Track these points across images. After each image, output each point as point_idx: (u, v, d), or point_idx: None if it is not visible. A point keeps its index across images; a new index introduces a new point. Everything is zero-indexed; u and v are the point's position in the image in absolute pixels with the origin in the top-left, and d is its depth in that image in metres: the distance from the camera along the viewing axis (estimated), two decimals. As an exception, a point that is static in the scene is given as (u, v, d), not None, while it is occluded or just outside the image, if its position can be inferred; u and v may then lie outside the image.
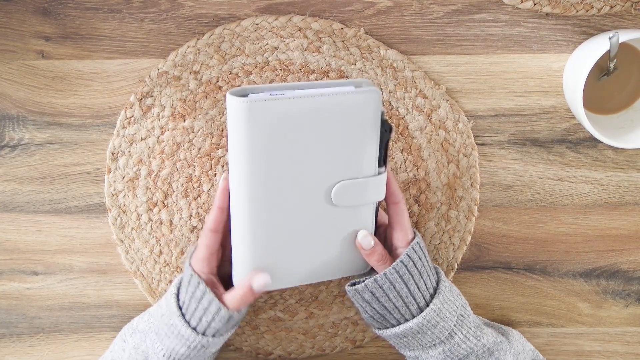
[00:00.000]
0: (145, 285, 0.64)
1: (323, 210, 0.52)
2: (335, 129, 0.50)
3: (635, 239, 0.64)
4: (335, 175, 0.51)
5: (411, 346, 0.55)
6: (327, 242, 0.54)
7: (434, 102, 0.61)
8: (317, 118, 0.49)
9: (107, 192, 0.62)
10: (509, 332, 0.60)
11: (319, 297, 0.65)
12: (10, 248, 0.64)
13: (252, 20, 0.59)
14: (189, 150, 0.61)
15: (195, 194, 0.62)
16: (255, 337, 0.65)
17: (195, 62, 0.60)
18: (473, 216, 0.63)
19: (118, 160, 0.62)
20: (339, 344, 0.66)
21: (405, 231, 0.54)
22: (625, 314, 0.66)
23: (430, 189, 0.62)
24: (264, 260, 0.53)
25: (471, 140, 0.62)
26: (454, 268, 0.64)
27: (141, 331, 0.56)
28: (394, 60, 0.60)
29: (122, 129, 0.61)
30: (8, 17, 0.60)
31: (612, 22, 0.60)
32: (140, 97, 0.60)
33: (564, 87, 0.60)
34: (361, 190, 0.52)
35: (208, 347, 0.54)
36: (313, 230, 0.53)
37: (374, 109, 0.50)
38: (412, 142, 0.62)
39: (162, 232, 0.63)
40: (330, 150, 0.50)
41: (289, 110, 0.48)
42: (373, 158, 0.52)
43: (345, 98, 0.49)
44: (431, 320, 0.53)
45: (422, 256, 0.54)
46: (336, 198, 0.52)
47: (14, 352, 0.66)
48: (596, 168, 0.63)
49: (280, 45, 0.60)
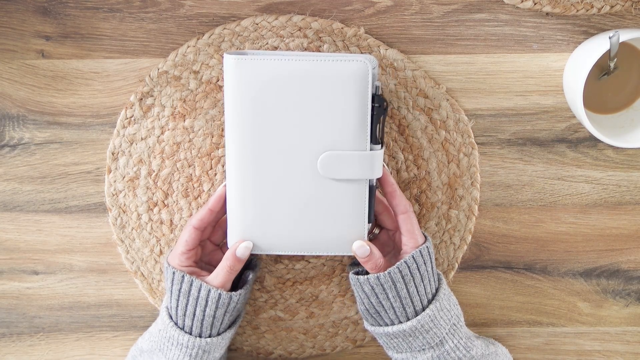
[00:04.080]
0: (146, 285, 0.64)
1: (312, 181, 0.53)
2: (324, 96, 0.51)
3: (635, 239, 0.64)
4: (323, 144, 0.52)
5: (400, 348, 0.56)
6: (317, 215, 0.54)
7: (434, 101, 0.61)
8: (305, 82, 0.51)
9: (108, 192, 0.62)
10: (497, 347, 0.61)
11: (319, 297, 0.65)
12: (11, 247, 0.64)
13: (252, 19, 0.59)
14: (189, 149, 0.61)
15: (196, 193, 0.62)
16: (256, 337, 0.65)
17: (195, 61, 0.60)
18: (473, 215, 0.63)
19: (118, 160, 0.62)
20: (339, 344, 0.66)
21: (415, 238, 0.55)
22: (625, 314, 0.66)
23: (431, 188, 0.62)
24: (255, 223, 0.54)
25: (471, 140, 0.62)
26: (455, 267, 0.64)
27: (147, 351, 0.57)
28: (394, 60, 0.60)
29: (122, 128, 0.61)
30: (8, 16, 0.60)
31: (612, 21, 0.60)
32: (141, 96, 0.60)
33: (564, 86, 0.60)
34: (349, 163, 0.52)
35: (209, 351, 0.55)
36: (302, 200, 0.53)
37: (362, 79, 0.51)
38: (412, 141, 0.62)
39: (163, 232, 0.63)
40: (319, 117, 0.51)
41: (278, 71, 0.50)
42: (364, 133, 0.52)
43: (334, 65, 0.51)
44: (425, 325, 0.54)
45: (427, 260, 0.55)
46: (322, 168, 0.52)
47: (14, 351, 0.66)
48: (596, 167, 0.63)
49: (281, 45, 0.60)
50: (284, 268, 0.64)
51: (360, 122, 0.52)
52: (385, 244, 0.59)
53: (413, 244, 0.55)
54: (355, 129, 0.52)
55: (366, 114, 0.52)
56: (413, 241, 0.55)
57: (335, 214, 0.54)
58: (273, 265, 0.64)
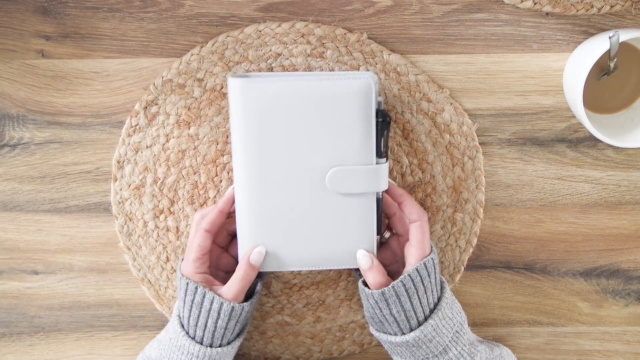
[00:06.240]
0: (153, 292, 0.64)
1: (320, 196, 0.54)
2: (329, 114, 0.52)
3: (635, 238, 0.64)
4: (330, 160, 0.53)
5: (404, 355, 0.56)
6: (326, 230, 0.55)
7: (438, 105, 0.61)
8: (310, 102, 0.52)
9: (114, 200, 0.62)
10: (501, 349, 0.61)
11: (326, 301, 0.65)
12: (11, 247, 0.64)
13: (255, 27, 0.59)
14: (194, 157, 0.61)
15: (201, 200, 0.62)
16: (263, 342, 0.65)
17: (199, 69, 0.60)
18: (479, 218, 0.63)
19: (124, 168, 0.62)
20: (346, 348, 0.66)
21: (423, 248, 0.54)
22: (625, 313, 0.66)
23: (436, 192, 0.62)
24: (264, 241, 0.55)
25: (475, 143, 0.62)
26: (460, 271, 0.64)
27: (155, 359, 0.56)
28: (397, 65, 0.60)
29: (128, 137, 0.61)
30: (8, 16, 0.60)
31: (612, 21, 0.60)
32: (145, 105, 0.61)
33: (564, 86, 0.60)
34: (357, 178, 0.53)
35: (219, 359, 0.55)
36: (312, 216, 0.54)
37: (365, 96, 0.52)
38: (417, 145, 0.62)
39: (169, 239, 0.63)
40: (325, 135, 0.52)
41: (282, 91, 0.51)
42: (370, 147, 0.53)
43: (337, 84, 0.52)
44: (427, 334, 0.54)
45: (431, 272, 0.55)
46: (330, 183, 0.53)
47: (14, 351, 0.66)
48: (596, 167, 0.63)
49: (284, 52, 0.60)
50: (291, 273, 0.64)
51: (365, 137, 0.53)
52: (395, 251, 0.59)
53: (419, 255, 0.54)
54: (361, 144, 0.53)
55: (371, 129, 0.53)
56: (420, 252, 0.54)
57: (344, 228, 0.55)
58: (279, 271, 0.64)
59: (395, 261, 0.59)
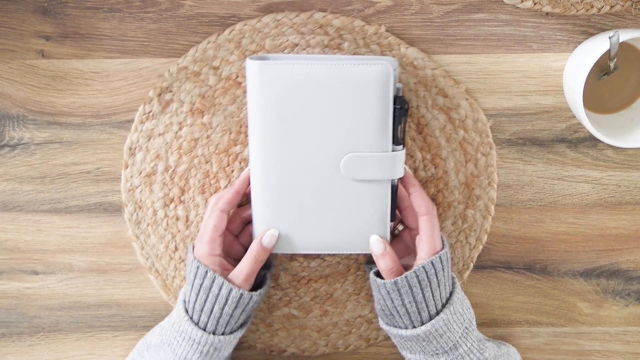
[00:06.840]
0: (160, 282, 0.64)
1: (335, 181, 0.54)
2: (346, 99, 0.52)
3: (635, 239, 0.64)
4: (346, 146, 0.53)
5: (414, 350, 0.56)
6: (340, 215, 0.55)
7: (453, 100, 0.61)
8: (327, 86, 0.52)
9: (124, 187, 0.62)
10: (507, 348, 0.61)
11: (333, 295, 0.65)
12: (10, 247, 0.64)
13: (273, 16, 0.59)
14: (206, 146, 0.61)
15: (212, 190, 0.62)
16: (269, 335, 0.65)
17: (215, 57, 0.60)
18: (490, 215, 0.63)
19: (135, 155, 0.61)
20: (353, 342, 0.66)
21: (433, 242, 0.54)
22: (625, 314, 0.66)
23: (448, 187, 0.62)
24: (278, 223, 0.55)
25: (489, 139, 0.62)
26: (470, 267, 0.64)
27: (155, 345, 0.56)
28: (415, 58, 0.60)
29: (140, 124, 0.61)
30: (8, 16, 0.60)
31: (612, 21, 0.60)
32: (159, 92, 0.60)
33: (564, 86, 0.60)
34: (372, 164, 0.53)
35: (220, 348, 0.55)
36: (326, 200, 0.54)
37: (383, 82, 0.51)
38: (431, 140, 0.61)
39: (178, 228, 0.63)
40: (341, 120, 0.52)
41: (300, 75, 0.51)
42: (387, 134, 0.53)
43: (356, 69, 0.51)
44: (439, 329, 0.54)
45: (445, 266, 0.55)
46: (345, 169, 0.53)
47: (14, 351, 0.66)
48: (596, 167, 0.63)
49: (301, 42, 0.59)
50: (299, 266, 0.64)
51: (382, 123, 0.53)
52: (407, 244, 0.59)
53: (430, 249, 0.54)
54: (377, 130, 0.53)
55: (388, 115, 0.53)
56: (430, 246, 0.54)
57: (358, 214, 0.55)
58: (288, 263, 0.64)
59: (408, 254, 0.58)
